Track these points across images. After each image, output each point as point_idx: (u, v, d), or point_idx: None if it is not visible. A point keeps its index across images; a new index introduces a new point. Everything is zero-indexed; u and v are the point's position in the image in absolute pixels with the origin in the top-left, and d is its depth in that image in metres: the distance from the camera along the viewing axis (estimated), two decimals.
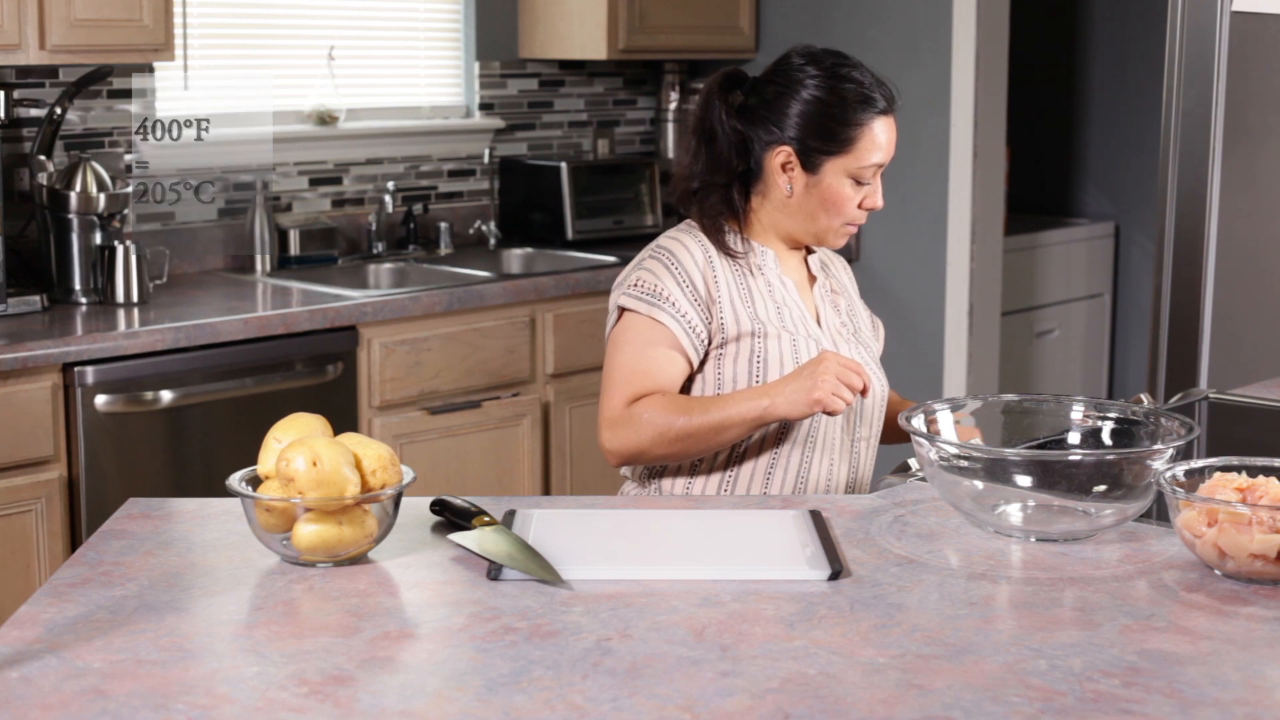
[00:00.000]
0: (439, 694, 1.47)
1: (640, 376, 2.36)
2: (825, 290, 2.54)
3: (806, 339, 2.42)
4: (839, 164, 2.41)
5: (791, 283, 2.48)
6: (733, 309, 2.40)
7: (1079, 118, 5.98)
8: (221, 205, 4.27)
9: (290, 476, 1.79)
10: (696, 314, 2.38)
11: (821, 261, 2.58)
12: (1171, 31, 3.20)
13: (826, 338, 2.47)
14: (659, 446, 2.33)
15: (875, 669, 1.52)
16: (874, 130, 2.41)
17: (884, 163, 2.44)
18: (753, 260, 2.46)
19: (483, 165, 4.79)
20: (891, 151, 2.45)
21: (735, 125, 2.44)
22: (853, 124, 2.40)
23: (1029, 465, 1.91)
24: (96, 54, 3.67)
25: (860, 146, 2.40)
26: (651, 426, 2.31)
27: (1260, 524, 1.73)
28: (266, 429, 1.92)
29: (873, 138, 2.40)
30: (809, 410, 2.27)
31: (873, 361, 2.53)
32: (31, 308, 3.61)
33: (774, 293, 2.45)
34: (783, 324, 2.42)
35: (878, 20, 4.87)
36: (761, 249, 2.47)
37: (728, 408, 2.31)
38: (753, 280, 2.44)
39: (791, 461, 2.40)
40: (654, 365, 2.37)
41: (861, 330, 2.56)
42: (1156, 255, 3.28)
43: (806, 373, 2.28)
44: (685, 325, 2.37)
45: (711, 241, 2.44)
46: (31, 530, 3.32)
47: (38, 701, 1.45)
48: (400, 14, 4.69)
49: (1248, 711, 1.43)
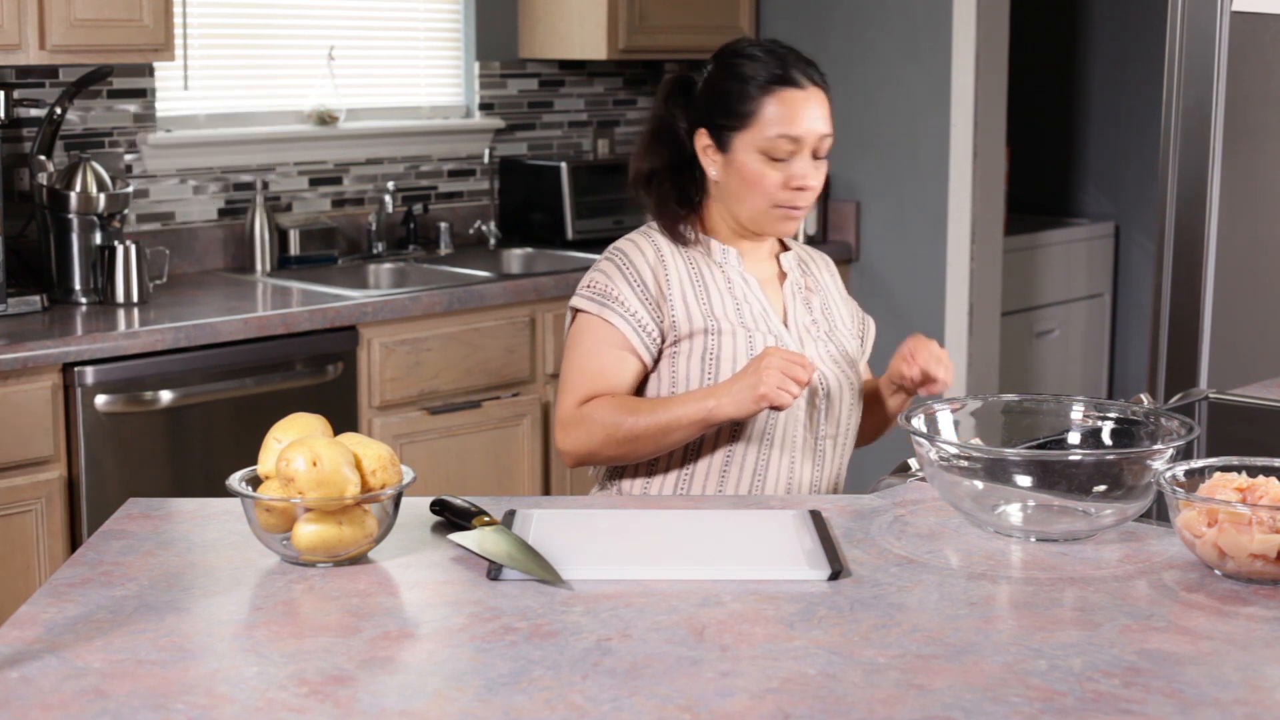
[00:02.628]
0: (439, 694, 1.47)
1: (592, 377, 2.38)
2: (797, 288, 2.51)
3: (765, 336, 2.41)
4: (746, 139, 2.39)
5: (754, 279, 2.46)
6: (685, 305, 2.40)
7: (1079, 118, 5.98)
8: (221, 205, 4.27)
9: (290, 476, 1.79)
10: (647, 312, 2.39)
11: (800, 258, 2.56)
12: (1171, 31, 3.20)
13: (792, 336, 2.45)
14: (609, 447, 2.34)
15: (875, 669, 1.52)
16: (776, 102, 2.38)
17: (798, 136, 2.38)
18: (714, 256, 2.45)
19: (483, 165, 4.79)
20: (812, 128, 2.39)
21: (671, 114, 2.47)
22: (751, 96, 2.39)
23: (1029, 465, 1.91)
24: (96, 54, 3.67)
25: (762, 119, 2.38)
26: (601, 427, 2.33)
27: (1260, 524, 1.73)
28: (266, 429, 1.92)
29: (775, 110, 2.38)
30: (755, 407, 2.26)
31: (843, 360, 2.49)
32: (31, 308, 3.61)
33: (734, 289, 2.43)
34: (740, 321, 2.40)
35: (878, 20, 4.87)
36: (723, 247, 2.46)
37: (674, 409, 2.31)
38: (711, 276, 2.43)
39: (748, 460, 2.39)
40: (605, 366, 2.39)
41: (838, 329, 2.53)
42: (1156, 255, 3.28)
43: (750, 369, 2.27)
44: (635, 324, 2.38)
45: (668, 235, 2.45)
46: (31, 530, 3.32)
47: (38, 701, 1.45)
48: (400, 14, 4.69)
49: (1248, 711, 1.43)
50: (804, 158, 2.40)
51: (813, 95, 2.41)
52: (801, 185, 2.41)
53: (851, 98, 4.96)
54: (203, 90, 4.26)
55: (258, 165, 4.32)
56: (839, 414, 2.46)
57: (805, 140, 2.39)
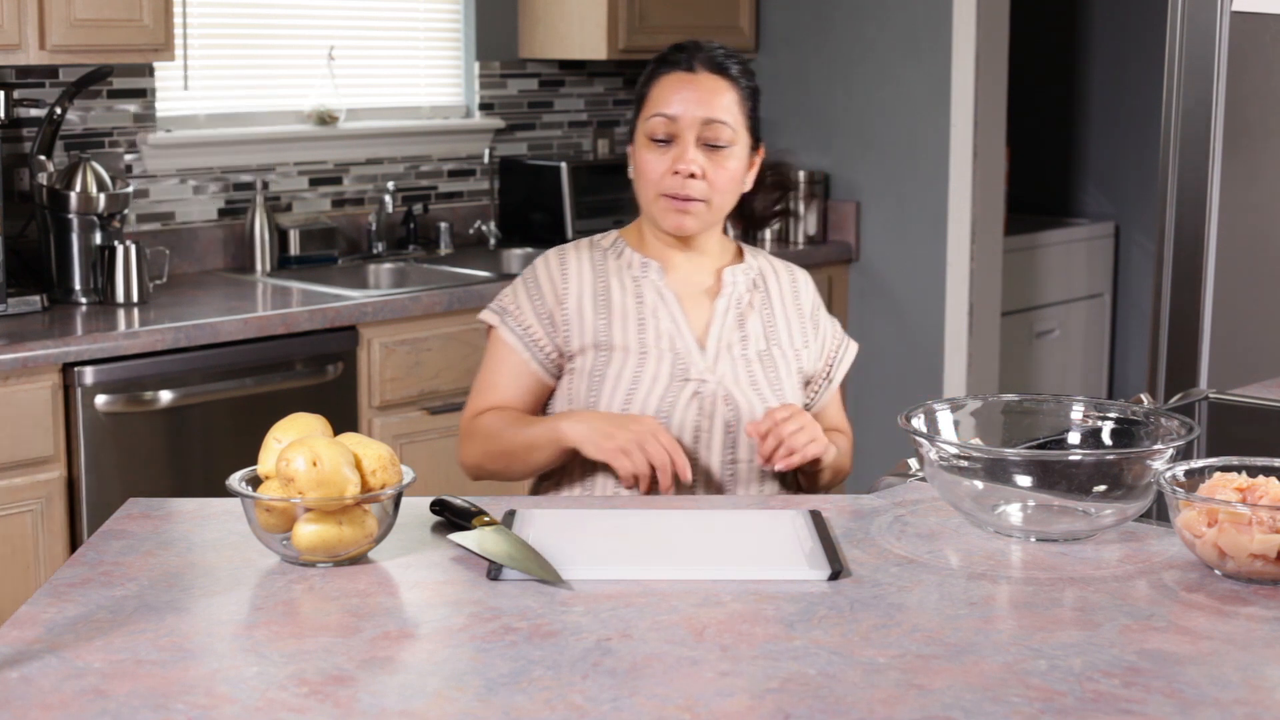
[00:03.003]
0: (439, 694, 1.47)
1: (485, 391, 2.40)
2: (734, 304, 2.41)
3: (661, 357, 2.34)
4: (639, 127, 2.38)
5: (674, 295, 2.39)
6: (580, 321, 2.37)
7: (1079, 118, 5.98)
8: (221, 205, 4.27)
9: (290, 476, 1.79)
10: (541, 327, 2.38)
11: (760, 272, 2.46)
12: (1171, 31, 3.20)
13: (707, 356, 2.36)
14: (489, 461, 2.36)
15: (875, 669, 1.52)
16: (660, 86, 2.36)
17: (674, 115, 2.32)
18: (633, 270, 2.40)
19: (483, 165, 4.79)
20: (688, 109, 2.32)
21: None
22: (646, 83, 2.39)
23: (1029, 465, 1.91)
24: (96, 54, 3.67)
25: (648, 101, 2.37)
26: (482, 441, 2.35)
27: (1260, 524, 1.73)
28: (266, 429, 1.92)
29: (657, 91, 2.36)
30: (603, 456, 2.21)
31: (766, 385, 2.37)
32: (31, 308, 3.61)
33: (643, 305, 2.37)
34: (638, 339, 2.35)
35: (878, 20, 4.87)
36: (643, 260, 2.41)
37: (534, 427, 2.30)
38: (621, 291, 2.38)
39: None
40: (499, 380, 2.39)
41: (778, 353, 2.41)
42: (1156, 255, 3.28)
43: (623, 424, 2.23)
44: (528, 339, 2.38)
45: (588, 249, 2.43)
46: (31, 530, 3.32)
47: (38, 701, 1.45)
48: (400, 14, 4.69)
49: (1248, 711, 1.43)
50: (686, 142, 2.33)
51: (701, 80, 2.35)
52: (681, 171, 2.32)
53: (851, 98, 4.96)
54: (203, 90, 4.26)
55: (258, 165, 4.32)
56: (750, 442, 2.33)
57: (681, 121, 2.33)
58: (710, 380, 2.36)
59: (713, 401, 2.34)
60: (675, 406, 2.33)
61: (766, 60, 5.15)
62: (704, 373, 2.36)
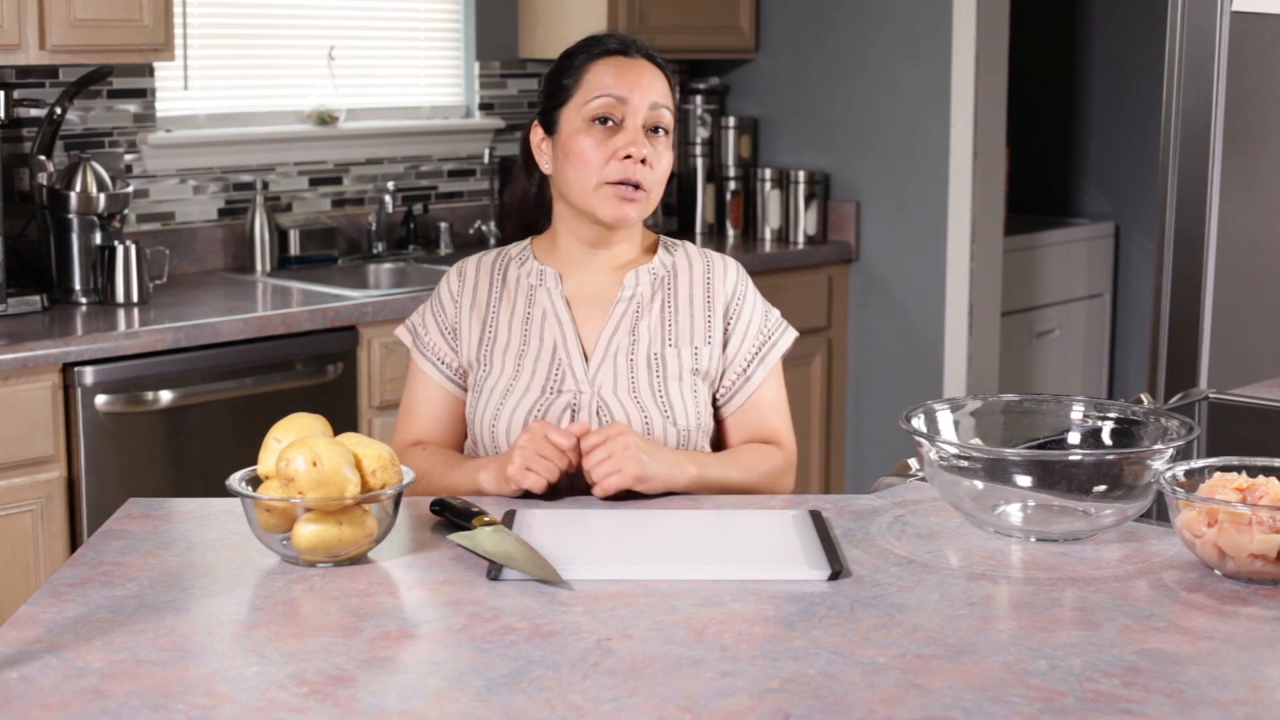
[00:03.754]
0: (439, 694, 1.47)
1: (406, 418, 2.36)
2: (631, 306, 2.30)
3: (535, 369, 2.26)
4: (571, 111, 2.26)
5: (565, 304, 2.30)
6: (470, 334, 2.32)
7: (1079, 118, 5.98)
8: (221, 205, 4.27)
9: (290, 476, 1.79)
10: (446, 344, 2.33)
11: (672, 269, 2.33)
12: (1171, 31, 3.20)
13: (590, 365, 2.26)
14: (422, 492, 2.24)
15: (875, 669, 1.52)
16: (597, 69, 2.26)
17: (624, 96, 2.23)
18: (531, 279, 2.32)
19: (483, 165, 4.79)
20: (638, 91, 2.24)
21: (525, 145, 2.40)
22: (574, 69, 2.28)
23: (1029, 465, 1.91)
24: (96, 54, 3.67)
25: (585, 85, 2.26)
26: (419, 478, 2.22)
27: (1260, 524, 1.73)
28: (266, 429, 1.92)
29: (596, 76, 2.25)
30: (510, 491, 2.11)
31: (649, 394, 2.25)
32: (31, 308, 3.61)
33: (532, 316, 2.30)
34: (521, 352, 2.28)
35: (878, 20, 4.87)
36: (540, 268, 2.32)
37: (456, 477, 2.20)
38: (511, 303, 2.31)
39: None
40: (417, 404, 2.35)
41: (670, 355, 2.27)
42: (1156, 255, 3.28)
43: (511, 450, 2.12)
44: (435, 359, 2.34)
45: (492, 259, 2.36)
46: (31, 530, 3.32)
47: (38, 701, 1.45)
48: (400, 14, 4.69)
49: (1248, 711, 1.43)
50: (633, 126, 2.24)
51: (642, 65, 2.27)
52: (631, 155, 2.23)
53: (851, 98, 4.96)
54: (203, 90, 4.26)
55: (258, 165, 4.32)
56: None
57: (631, 102, 2.24)
58: (587, 391, 2.25)
59: (588, 414, 2.24)
60: (545, 419, 2.22)
61: (766, 60, 5.15)
62: (580, 384, 2.25)
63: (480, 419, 2.29)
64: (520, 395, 2.26)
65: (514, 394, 2.26)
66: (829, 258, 4.95)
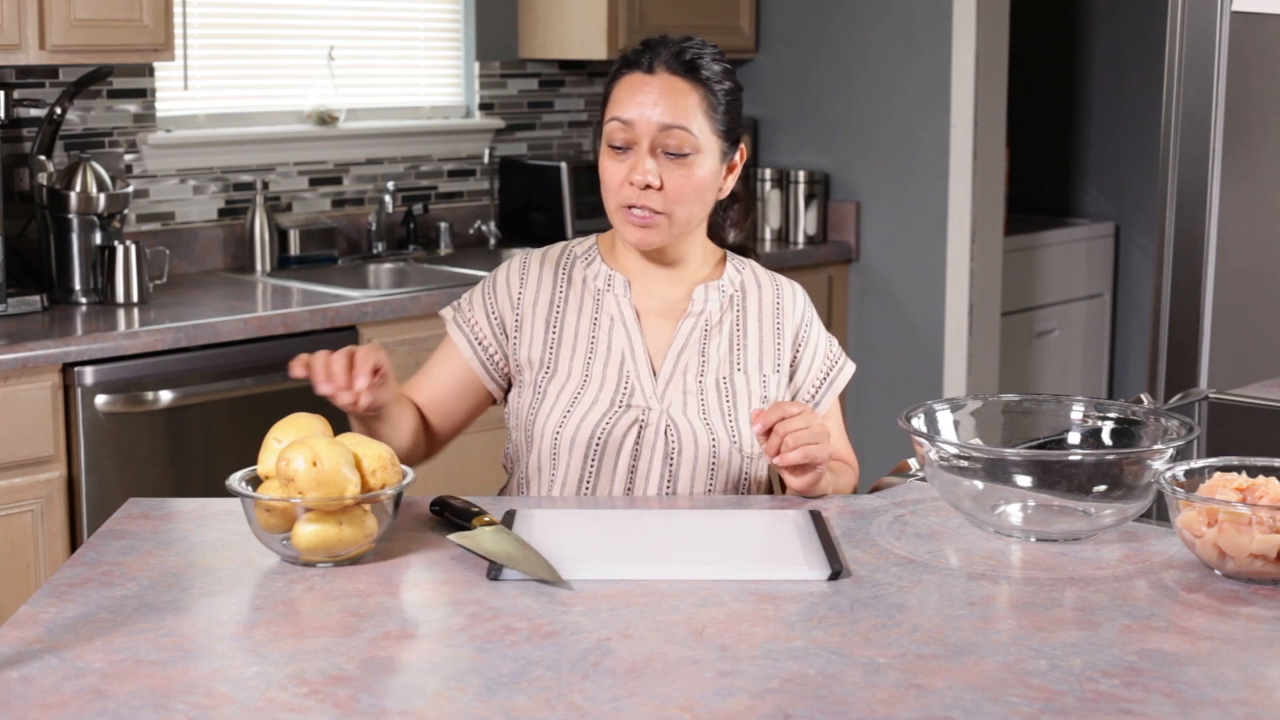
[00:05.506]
0: (439, 694, 1.47)
1: (416, 377, 2.32)
2: (700, 325, 2.26)
3: (605, 380, 2.21)
4: (603, 133, 2.21)
5: (634, 314, 2.25)
6: (530, 333, 2.26)
7: (1079, 118, 5.98)
8: (221, 205, 4.27)
9: (290, 476, 1.79)
10: (490, 329, 2.27)
11: (742, 288, 2.30)
12: (1171, 31, 3.20)
13: (658, 381, 2.22)
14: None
15: (875, 669, 1.52)
16: (618, 88, 2.20)
17: (628, 121, 2.17)
18: (599, 282, 2.27)
19: (483, 165, 4.79)
20: (643, 113, 2.16)
21: None
22: (610, 82, 2.23)
23: (1029, 465, 1.91)
24: (96, 54, 3.67)
25: (609, 107, 2.20)
26: None
27: (1260, 524, 1.73)
28: (266, 429, 1.92)
29: (616, 96, 2.19)
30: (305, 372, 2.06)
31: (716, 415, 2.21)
32: (31, 308, 3.61)
33: (599, 323, 2.24)
34: (588, 360, 2.23)
35: (878, 20, 4.87)
36: (609, 273, 2.27)
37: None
38: (580, 307, 2.26)
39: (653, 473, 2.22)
40: (432, 369, 2.30)
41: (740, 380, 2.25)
42: (1156, 255, 3.28)
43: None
44: (474, 338, 2.27)
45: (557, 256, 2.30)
46: (31, 530, 3.32)
47: (38, 701, 1.45)
48: (400, 14, 4.69)
49: (1248, 711, 1.43)
50: (641, 151, 2.17)
51: (658, 81, 2.17)
52: (636, 182, 2.16)
53: (852, 98, 4.97)
54: (203, 90, 4.26)
55: (258, 165, 4.32)
56: (692, 474, 2.21)
57: (637, 126, 2.16)
58: (655, 409, 2.21)
59: (655, 431, 2.20)
60: (611, 433, 2.20)
61: (766, 60, 5.15)
62: (649, 400, 2.21)
63: (543, 423, 2.23)
64: (589, 405, 2.21)
65: (582, 402, 2.22)
66: (829, 258, 4.95)
